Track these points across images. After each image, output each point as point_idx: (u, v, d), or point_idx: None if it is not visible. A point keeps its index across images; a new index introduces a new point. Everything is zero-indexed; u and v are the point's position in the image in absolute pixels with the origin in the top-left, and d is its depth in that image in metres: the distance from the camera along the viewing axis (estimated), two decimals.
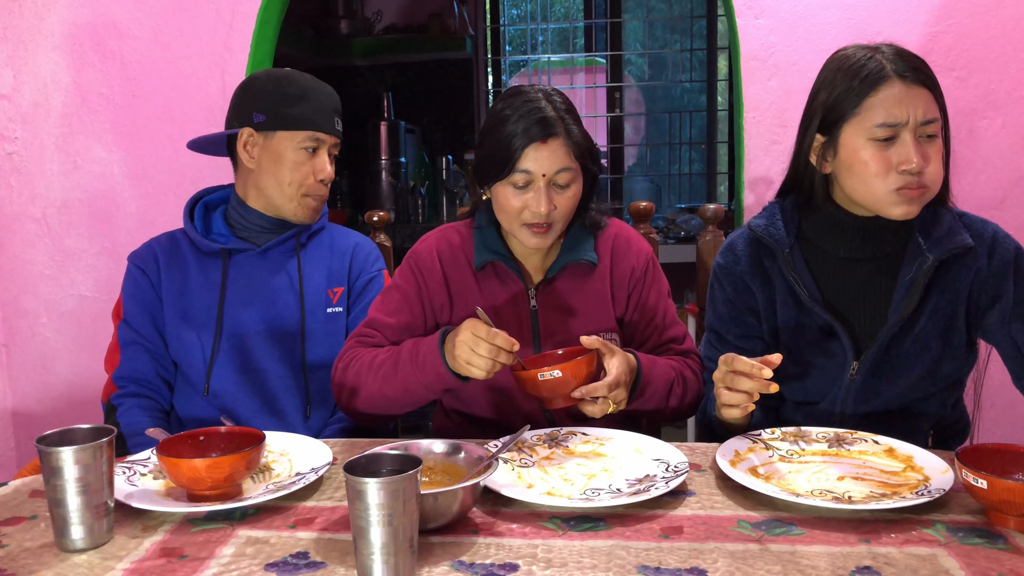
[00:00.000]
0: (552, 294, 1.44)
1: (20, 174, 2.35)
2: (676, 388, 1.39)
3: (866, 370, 1.30)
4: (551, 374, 1.20)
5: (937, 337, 1.29)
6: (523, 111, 1.33)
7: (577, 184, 1.37)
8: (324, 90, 1.61)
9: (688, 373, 1.42)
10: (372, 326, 1.44)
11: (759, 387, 1.13)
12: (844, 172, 1.27)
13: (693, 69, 4.07)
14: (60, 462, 0.92)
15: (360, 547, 0.83)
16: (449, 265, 1.47)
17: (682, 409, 1.42)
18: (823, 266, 1.35)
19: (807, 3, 2.05)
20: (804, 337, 1.34)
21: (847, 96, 1.24)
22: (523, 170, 1.33)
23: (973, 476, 0.95)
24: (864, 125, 1.22)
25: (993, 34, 2.00)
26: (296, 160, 1.56)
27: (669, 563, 0.88)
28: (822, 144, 1.29)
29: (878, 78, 1.22)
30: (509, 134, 1.33)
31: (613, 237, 1.48)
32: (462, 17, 3.97)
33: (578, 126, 1.37)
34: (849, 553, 0.89)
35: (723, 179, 4.07)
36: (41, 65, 2.30)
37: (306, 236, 1.63)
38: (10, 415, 2.45)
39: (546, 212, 1.34)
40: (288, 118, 1.55)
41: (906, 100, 1.20)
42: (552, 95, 1.37)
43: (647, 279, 1.48)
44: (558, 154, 1.33)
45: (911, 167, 1.20)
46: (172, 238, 1.64)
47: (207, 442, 1.13)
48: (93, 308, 2.36)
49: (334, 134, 1.60)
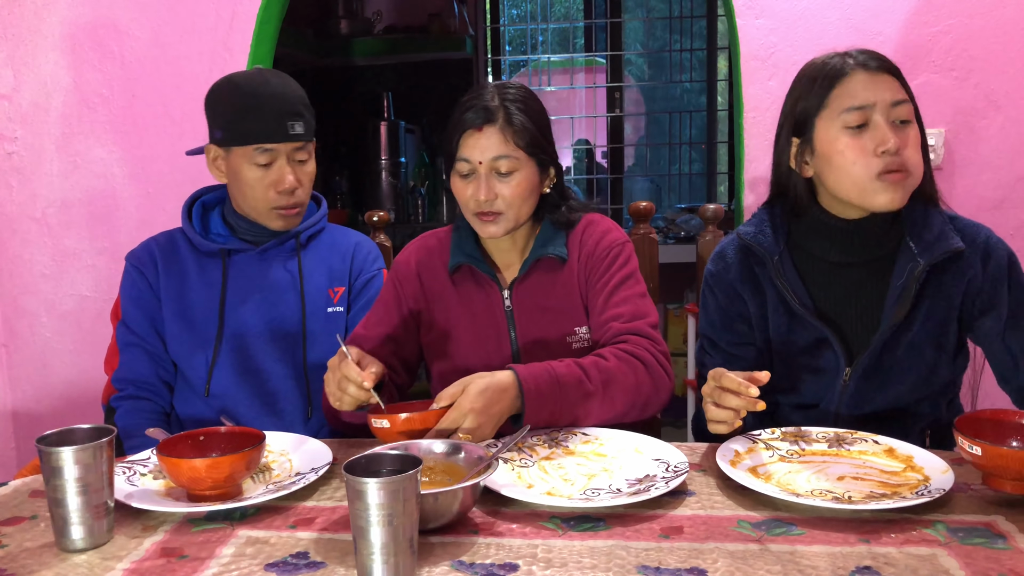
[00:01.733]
0: (526, 293, 1.43)
1: (20, 174, 2.35)
2: (588, 385, 1.23)
3: (859, 376, 1.30)
4: (380, 423, 1.16)
5: (931, 343, 1.29)
6: (468, 104, 1.36)
7: (522, 173, 1.36)
8: (278, 92, 1.50)
9: (614, 364, 1.25)
10: (354, 341, 1.44)
11: (746, 405, 1.12)
12: (824, 167, 1.27)
13: (693, 69, 4.07)
14: (60, 462, 0.92)
15: (360, 547, 0.83)
16: (425, 271, 1.48)
17: (618, 403, 1.26)
18: (813, 272, 1.34)
19: (807, 3, 2.05)
20: (796, 344, 1.34)
21: (813, 94, 1.26)
22: (462, 158, 1.36)
23: (968, 443, 0.99)
24: (834, 115, 1.24)
25: (993, 34, 2.00)
26: (252, 177, 1.51)
27: (669, 563, 0.88)
28: (799, 146, 1.30)
29: (840, 71, 1.25)
30: (452, 125, 1.37)
31: (582, 230, 1.46)
32: (462, 17, 3.97)
33: (526, 116, 1.36)
34: (849, 553, 0.89)
35: (723, 179, 4.08)
36: (41, 65, 2.30)
37: (306, 236, 1.63)
38: (10, 415, 2.45)
39: (484, 199, 1.34)
40: (238, 133, 1.50)
41: (871, 84, 1.22)
42: (507, 88, 1.38)
43: (605, 261, 1.41)
44: (493, 141, 1.34)
45: (888, 146, 1.20)
46: (170, 237, 1.64)
47: (207, 442, 1.13)
48: (93, 308, 2.36)
49: (289, 139, 1.50)
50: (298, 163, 1.55)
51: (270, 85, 1.50)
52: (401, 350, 1.46)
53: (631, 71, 4.42)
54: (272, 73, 1.55)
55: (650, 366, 1.29)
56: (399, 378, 1.44)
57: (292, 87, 1.53)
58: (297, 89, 1.54)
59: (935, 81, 2.03)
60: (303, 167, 1.56)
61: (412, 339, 1.48)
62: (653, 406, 1.31)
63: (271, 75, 1.54)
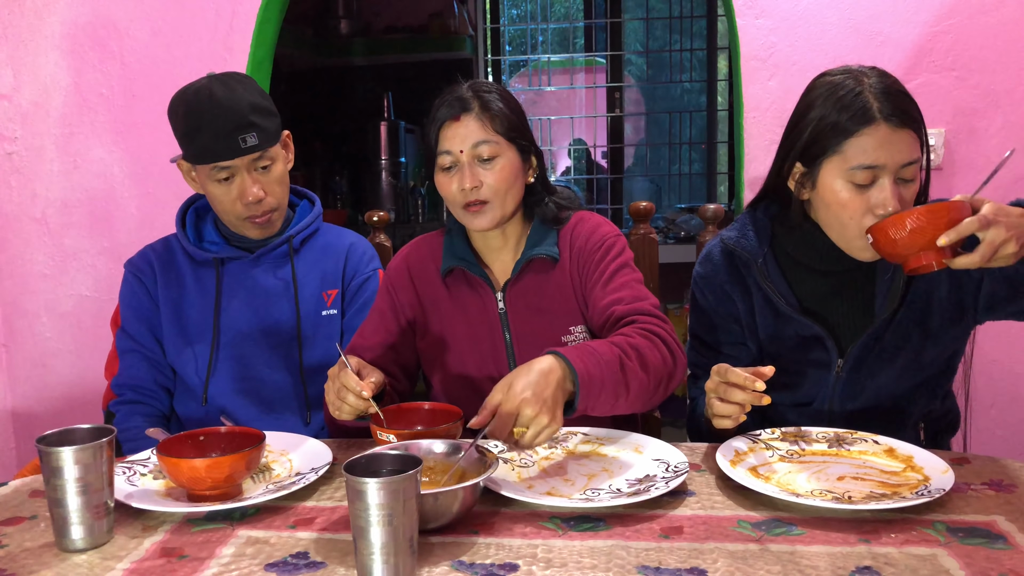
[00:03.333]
0: (519, 295, 1.43)
1: (20, 174, 2.35)
2: (628, 362, 1.18)
3: (850, 367, 1.31)
4: (386, 437, 1.15)
5: (916, 326, 1.30)
6: (442, 100, 1.38)
7: (504, 158, 1.36)
8: (224, 105, 1.43)
9: (639, 340, 1.22)
10: (352, 351, 1.43)
11: (751, 399, 1.13)
12: (821, 207, 1.27)
13: (693, 69, 4.07)
14: (60, 462, 0.92)
15: (360, 547, 0.83)
16: (419, 276, 1.47)
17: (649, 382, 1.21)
18: (798, 273, 1.35)
19: (807, 3, 2.05)
20: (785, 343, 1.35)
21: (831, 133, 1.21)
22: (443, 151, 1.36)
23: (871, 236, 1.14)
24: (844, 165, 1.21)
25: (993, 34, 2.00)
26: (218, 192, 1.49)
27: (669, 563, 0.88)
28: (802, 174, 1.28)
29: (863, 120, 1.19)
30: (429, 123, 1.38)
31: (572, 228, 1.45)
32: (462, 17, 3.98)
33: (503, 102, 1.37)
34: (849, 553, 0.89)
35: (723, 179, 4.08)
36: (41, 65, 2.30)
37: (299, 240, 1.61)
38: (10, 415, 2.45)
39: (470, 187, 1.34)
40: (192, 153, 1.48)
41: (888, 144, 1.18)
42: (480, 82, 1.40)
43: (598, 253, 1.40)
44: (471, 128, 1.34)
45: (887, 211, 1.18)
46: (167, 245, 1.63)
47: (207, 442, 1.13)
48: (93, 308, 2.36)
49: (243, 153, 1.45)
50: (261, 170, 1.50)
51: (215, 100, 1.43)
52: (400, 357, 1.45)
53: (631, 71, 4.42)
54: (220, 83, 1.46)
55: (668, 343, 1.26)
56: (400, 385, 1.44)
57: (240, 96, 1.45)
58: (249, 95, 1.46)
59: (935, 81, 2.02)
60: (268, 173, 1.51)
61: (409, 345, 1.48)
62: (674, 382, 1.27)
63: (218, 86, 1.45)
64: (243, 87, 1.47)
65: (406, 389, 1.47)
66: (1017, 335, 2.04)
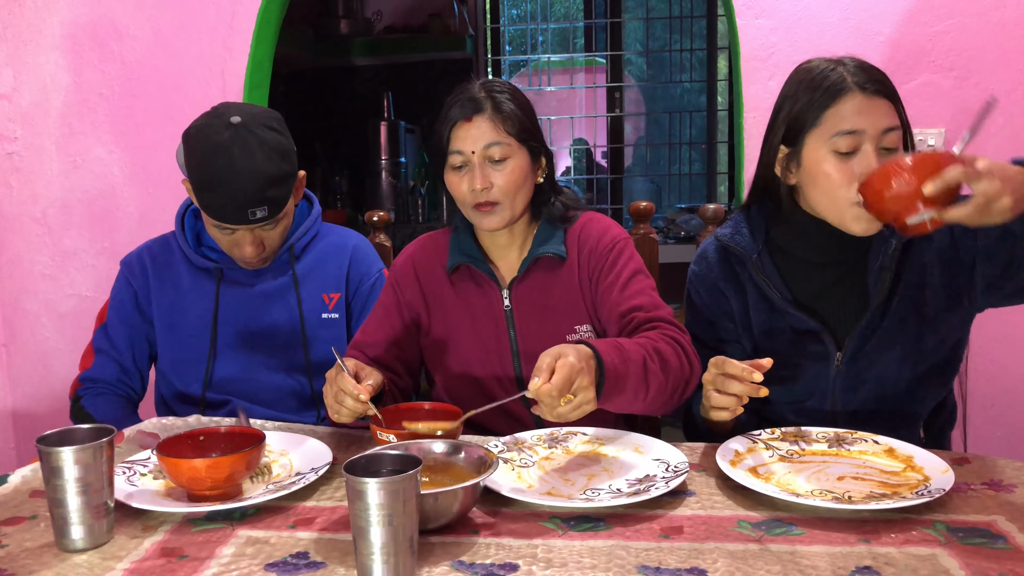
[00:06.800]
0: (525, 293, 1.43)
1: (20, 174, 2.35)
2: (651, 364, 1.19)
3: (848, 358, 1.31)
4: (385, 437, 1.15)
5: (911, 312, 1.30)
6: (454, 99, 1.37)
7: (515, 159, 1.36)
8: (243, 175, 1.37)
9: (663, 346, 1.24)
10: (356, 347, 1.43)
11: (749, 391, 1.13)
12: (808, 183, 1.28)
13: (693, 69, 4.07)
14: (60, 462, 0.92)
15: (360, 547, 0.83)
16: (424, 273, 1.47)
17: (668, 385, 1.22)
18: (792, 268, 1.36)
19: (807, 3, 2.05)
20: (782, 339, 1.35)
21: (809, 108, 1.25)
22: (455, 151, 1.36)
23: (861, 196, 1.14)
24: (825, 135, 1.23)
25: (993, 34, 2.00)
26: (216, 234, 1.49)
27: (669, 563, 0.88)
28: (786, 155, 1.30)
29: (839, 89, 1.23)
30: (441, 121, 1.38)
31: (581, 228, 1.45)
32: (462, 17, 3.98)
33: (515, 104, 1.37)
34: (849, 553, 0.89)
35: (723, 179, 4.08)
36: (41, 65, 2.30)
37: (300, 247, 1.60)
38: (10, 415, 2.45)
39: (481, 187, 1.34)
40: (200, 202, 1.45)
41: (866, 110, 1.21)
42: (492, 82, 1.39)
43: (610, 256, 1.40)
44: (483, 129, 1.34)
45: None
46: (166, 244, 1.63)
47: (207, 442, 1.13)
48: (93, 308, 2.35)
49: (251, 223, 1.42)
50: (266, 228, 1.48)
51: (233, 167, 1.37)
52: (404, 353, 1.45)
53: (631, 71, 4.42)
54: (241, 142, 1.38)
55: (688, 352, 1.27)
56: (403, 382, 1.44)
57: (260, 165, 1.39)
58: (268, 164, 1.40)
59: (935, 81, 2.02)
60: (273, 228, 1.49)
61: (413, 342, 1.47)
62: (688, 390, 1.28)
63: (239, 148, 1.37)
64: (263, 151, 1.40)
65: (409, 386, 1.47)
66: (1017, 335, 2.04)
